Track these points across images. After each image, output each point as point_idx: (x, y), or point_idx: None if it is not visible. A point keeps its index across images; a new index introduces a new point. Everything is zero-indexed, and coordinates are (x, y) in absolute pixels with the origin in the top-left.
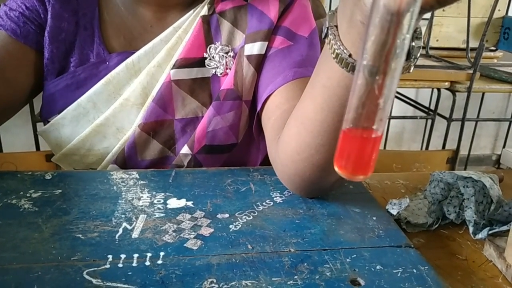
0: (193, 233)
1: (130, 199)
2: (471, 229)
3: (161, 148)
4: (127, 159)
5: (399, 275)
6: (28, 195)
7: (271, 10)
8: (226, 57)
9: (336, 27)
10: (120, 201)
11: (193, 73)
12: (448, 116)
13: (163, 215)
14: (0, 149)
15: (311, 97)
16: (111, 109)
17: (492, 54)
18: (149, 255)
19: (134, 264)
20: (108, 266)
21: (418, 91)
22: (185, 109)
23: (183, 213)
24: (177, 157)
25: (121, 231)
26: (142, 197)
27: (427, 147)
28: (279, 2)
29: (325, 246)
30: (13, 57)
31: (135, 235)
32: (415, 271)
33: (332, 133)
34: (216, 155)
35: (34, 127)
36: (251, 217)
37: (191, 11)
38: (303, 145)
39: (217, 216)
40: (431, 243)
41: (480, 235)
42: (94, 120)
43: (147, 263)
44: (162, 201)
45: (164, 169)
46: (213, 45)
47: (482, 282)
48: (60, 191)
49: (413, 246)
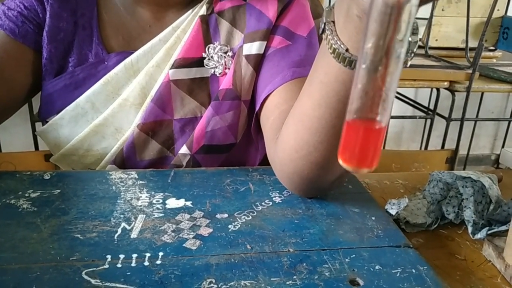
0: (192, 233)
1: (129, 199)
2: (470, 229)
3: (160, 148)
4: (126, 160)
5: (398, 275)
6: (26, 195)
7: (269, 9)
8: (225, 57)
9: (333, 22)
10: (119, 201)
11: (192, 73)
12: (447, 116)
13: (162, 215)
14: None
15: (309, 94)
16: (109, 109)
17: (491, 54)
18: (148, 255)
19: (133, 264)
20: (107, 266)
21: (417, 91)
22: (184, 109)
23: (182, 213)
24: (176, 157)
25: (120, 231)
26: (141, 197)
27: (426, 147)
28: (277, 1)
29: (324, 246)
30: (11, 56)
31: (134, 235)
32: (414, 271)
33: (330, 130)
34: (215, 155)
35: (33, 126)
36: (250, 217)
37: (190, 11)
38: (301, 143)
39: (216, 216)
40: (430, 243)
41: (479, 235)
42: (92, 120)
43: (146, 263)
44: (161, 201)
45: (163, 169)
46: (211, 45)
47: (481, 282)
48: (58, 191)
49: (412, 246)
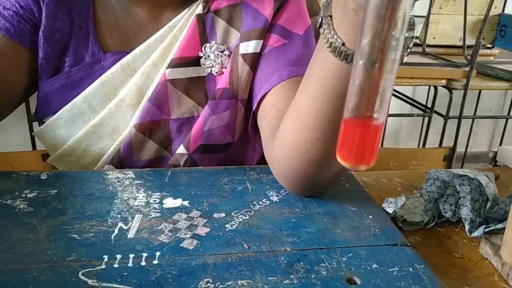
0: (189, 233)
1: (126, 198)
2: (467, 227)
3: (157, 148)
4: (123, 160)
5: (395, 273)
6: (23, 195)
7: (266, 8)
8: (221, 56)
9: (330, 17)
10: (115, 201)
11: (189, 72)
12: (444, 113)
13: (159, 214)
14: None
15: (306, 90)
16: (106, 109)
17: (489, 51)
18: (144, 255)
19: (129, 264)
20: (103, 266)
21: (415, 88)
22: (180, 108)
23: (179, 212)
24: (173, 157)
25: (116, 231)
26: (138, 196)
27: (424, 145)
28: (274, 0)
29: (321, 245)
30: (7, 56)
31: (131, 235)
32: (411, 269)
33: (327, 126)
34: (212, 155)
35: (30, 126)
36: (247, 216)
37: (186, 10)
38: (298, 140)
39: (213, 215)
40: (427, 241)
41: (476, 233)
42: (89, 120)
43: (143, 263)
44: (158, 200)
45: (160, 169)
46: (208, 44)
47: (478, 280)
48: (55, 191)
49: (409, 244)
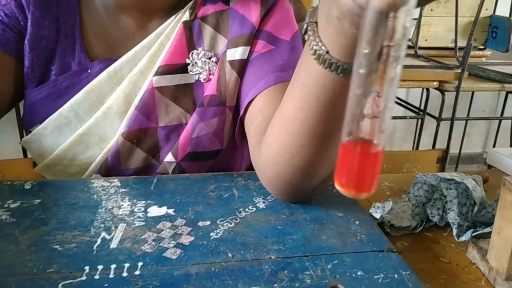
0: (173, 242)
1: (110, 207)
2: (455, 232)
3: (145, 156)
4: (111, 169)
5: (380, 280)
6: (6, 205)
7: (252, 14)
8: (209, 62)
9: (316, 23)
10: (99, 210)
11: (176, 79)
12: (437, 115)
13: (143, 223)
14: None
15: (291, 96)
16: (93, 118)
17: (481, 53)
18: (126, 265)
19: (111, 275)
20: (84, 278)
21: (408, 91)
22: (168, 116)
23: (164, 221)
24: (162, 165)
25: (99, 241)
26: (122, 205)
27: (417, 147)
28: (260, 5)
29: (306, 252)
30: None
31: (114, 245)
32: (396, 276)
33: (312, 133)
34: (200, 162)
35: (21, 134)
36: (233, 224)
37: (173, 17)
38: (284, 146)
39: (198, 223)
40: (415, 246)
41: (463, 237)
42: (76, 129)
43: (124, 274)
44: (142, 209)
45: (146, 176)
46: (195, 51)
47: (465, 285)
48: (39, 200)
49: (395, 250)
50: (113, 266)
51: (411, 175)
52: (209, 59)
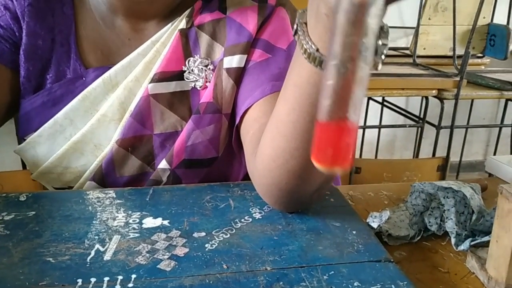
0: (167, 254)
1: (105, 219)
2: (453, 241)
3: (140, 164)
4: (105, 176)
5: None
6: (0, 218)
7: (249, 22)
8: (205, 70)
9: (305, 24)
10: (94, 222)
11: (172, 86)
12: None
13: (137, 235)
14: None
15: (284, 99)
16: (88, 125)
17: (479, 60)
18: (120, 278)
19: None
20: None
21: (408, 99)
22: (164, 123)
23: (159, 232)
24: (155, 172)
25: (93, 253)
26: (117, 217)
27: (417, 156)
28: (257, 14)
29: (302, 263)
30: None
31: (108, 257)
32: (393, 286)
33: (305, 135)
34: (196, 170)
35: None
36: (228, 235)
37: (169, 24)
38: (278, 151)
39: (193, 235)
40: (413, 256)
41: (462, 247)
42: (71, 137)
43: (117, 287)
44: (137, 220)
45: (142, 187)
46: (192, 58)
47: None
48: (33, 212)
49: (392, 260)
50: (106, 278)
51: (409, 184)
52: (206, 66)
